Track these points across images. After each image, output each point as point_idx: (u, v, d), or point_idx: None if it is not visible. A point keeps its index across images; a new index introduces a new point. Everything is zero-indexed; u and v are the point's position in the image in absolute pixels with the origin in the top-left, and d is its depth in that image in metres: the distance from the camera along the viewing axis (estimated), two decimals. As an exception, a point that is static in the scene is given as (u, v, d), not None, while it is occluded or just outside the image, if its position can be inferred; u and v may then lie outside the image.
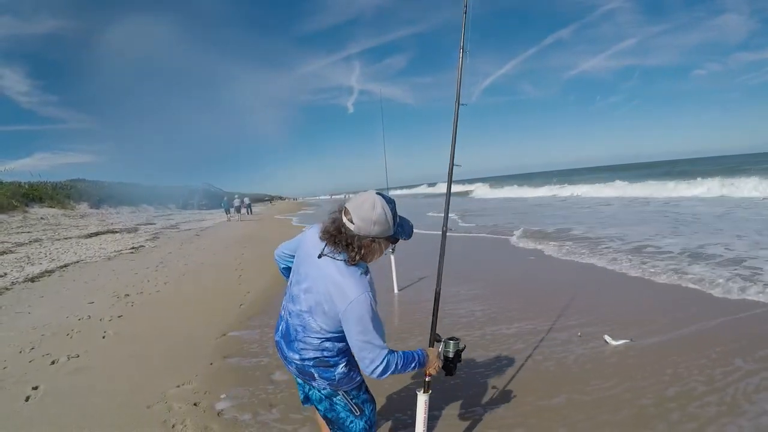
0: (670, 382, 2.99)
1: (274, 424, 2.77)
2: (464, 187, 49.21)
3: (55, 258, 10.61)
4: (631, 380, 3.05)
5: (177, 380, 3.45)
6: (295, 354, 1.74)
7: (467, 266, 7.32)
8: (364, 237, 1.59)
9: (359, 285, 1.58)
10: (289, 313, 1.77)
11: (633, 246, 7.80)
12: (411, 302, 5.44)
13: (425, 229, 10.68)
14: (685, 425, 2.49)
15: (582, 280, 5.93)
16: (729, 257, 6.34)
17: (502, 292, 5.58)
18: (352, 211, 1.59)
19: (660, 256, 6.77)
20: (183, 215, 34.15)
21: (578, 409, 2.73)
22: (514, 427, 2.60)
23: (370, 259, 1.70)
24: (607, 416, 2.63)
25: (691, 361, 3.27)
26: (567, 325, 4.22)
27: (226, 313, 5.37)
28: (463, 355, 2.03)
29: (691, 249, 7.07)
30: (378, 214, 1.58)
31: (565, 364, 3.41)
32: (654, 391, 2.87)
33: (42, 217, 22.34)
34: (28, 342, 4.48)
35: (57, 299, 6.43)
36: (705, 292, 4.94)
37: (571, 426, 2.56)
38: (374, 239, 1.62)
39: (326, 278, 1.62)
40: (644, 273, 5.96)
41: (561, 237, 9.61)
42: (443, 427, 2.66)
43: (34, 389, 3.39)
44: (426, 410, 2.06)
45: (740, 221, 10.17)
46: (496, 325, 4.37)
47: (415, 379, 3.30)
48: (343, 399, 1.80)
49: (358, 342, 1.59)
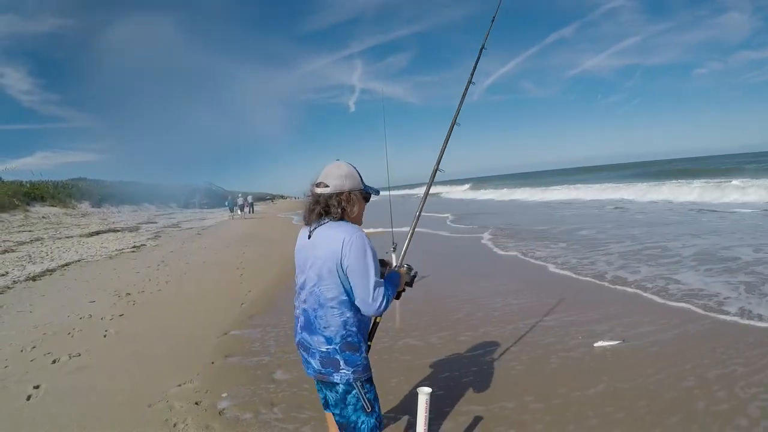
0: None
1: (276, 423, 2.77)
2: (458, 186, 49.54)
3: (57, 257, 10.62)
4: (620, 379, 3.05)
5: (178, 379, 3.45)
6: (320, 338, 1.75)
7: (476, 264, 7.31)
8: (340, 193, 1.76)
9: (351, 228, 1.73)
10: (303, 301, 1.81)
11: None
12: (412, 301, 5.43)
13: (425, 229, 10.69)
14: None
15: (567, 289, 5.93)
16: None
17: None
18: (322, 178, 1.79)
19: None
20: (184, 214, 34.16)
21: (586, 406, 2.73)
22: (515, 427, 2.60)
23: (353, 213, 1.81)
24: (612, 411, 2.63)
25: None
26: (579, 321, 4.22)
27: (228, 312, 5.37)
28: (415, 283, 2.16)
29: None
30: (345, 169, 1.79)
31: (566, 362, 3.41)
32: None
33: (43, 216, 22.38)
34: (29, 341, 4.49)
35: (58, 298, 6.44)
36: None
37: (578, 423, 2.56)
38: (350, 191, 1.78)
39: (322, 242, 1.74)
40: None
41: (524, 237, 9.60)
42: (444, 427, 2.66)
43: (36, 388, 3.40)
44: (427, 409, 2.06)
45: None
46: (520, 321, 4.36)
47: (417, 378, 3.30)
48: (356, 394, 1.80)
49: (361, 280, 1.69)
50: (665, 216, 12.55)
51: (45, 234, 15.98)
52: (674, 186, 21.14)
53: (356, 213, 1.82)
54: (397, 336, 4.20)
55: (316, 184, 1.80)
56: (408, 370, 3.44)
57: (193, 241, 14.21)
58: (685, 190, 19.28)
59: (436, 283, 6.13)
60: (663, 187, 20.97)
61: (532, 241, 9.33)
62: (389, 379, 3.27)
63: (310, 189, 1.82)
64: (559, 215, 14.97)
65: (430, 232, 11.82)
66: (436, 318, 4.67)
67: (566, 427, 2.56)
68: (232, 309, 5.49)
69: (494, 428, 2.60)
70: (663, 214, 13.22)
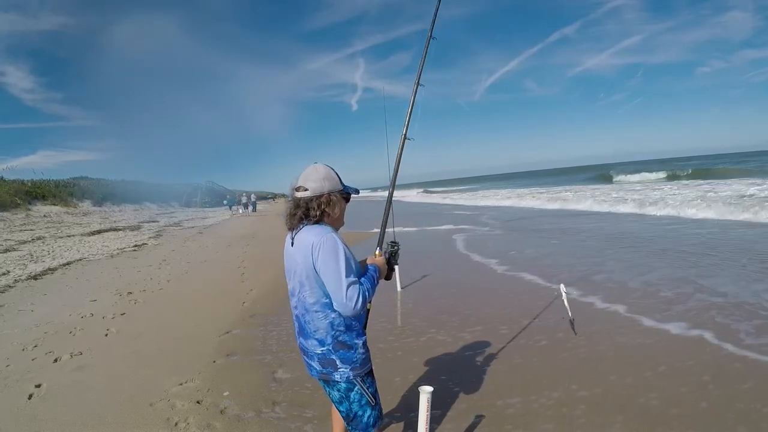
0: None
1: (278, 422, 2.76)
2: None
3: (58, 256, 10.63)
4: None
5: (180, 378, 3.45)
6: (313, 341, 1.79)
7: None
8: (320, 195, 1.77)
9: (322, 230, 1.73)
10: (294, 308, 1.84)
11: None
12: (413, 300, 5.43)
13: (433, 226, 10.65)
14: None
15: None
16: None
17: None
18: (301, 182, 1.80)
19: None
20: (186, 213, 34.18)
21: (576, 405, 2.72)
22: (520, 426, 2.59)
23: (334, 215, 1.81)
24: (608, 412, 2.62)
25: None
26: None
27: (229, 310, 5.37)
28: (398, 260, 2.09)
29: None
30: (323, 171, 1.81)
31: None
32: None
33: (45, 215, 22.40)
34: (30, 340, 4.49)
35: (60, 297, 6.45)
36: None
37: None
38: (330, 193, 1.79)
39: (298, 248, 1.76)
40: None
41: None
42: (446, 426, 2.65)
43: (37, 387, 3.40)
44: (428, 408, 2.05)
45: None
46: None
47: (418, 377, 3.29)
48: (359, 390, 1.84)
49: (334, 282, 1.67)
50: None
51: (46, 233, 16.00)
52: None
53: (338, 214, 1.83)
54: (399, 335, 4.20)
55: (295, 188, 1.81)
56: (410, 369, 3.44)
57: (195, 240, 14.21)
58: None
59: (438, 281, 6.12)
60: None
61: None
62: (392, 379, 3.26)
63: (290, 193, 1.84)
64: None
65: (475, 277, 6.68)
66: (436, 317, 4.67)
67: (575, 421, 2.55)
68: (233, 308, 5.49)
69: (496, 427, 2.59)
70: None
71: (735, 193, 14.82)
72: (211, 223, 23.01)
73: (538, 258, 7.49)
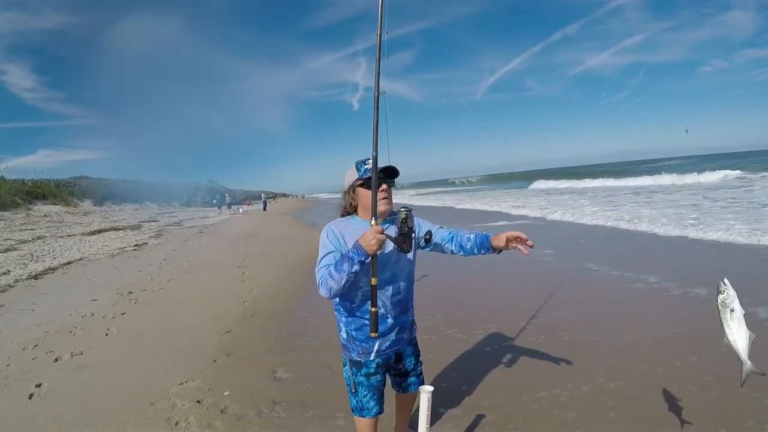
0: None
1: (278, 421, 2.76)
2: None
3: (59, 255, 10.63)
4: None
5: (180, 377, 3.45)
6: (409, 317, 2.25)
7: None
8: (345, 192, 2.00)
9: (330, 223, 1.96)
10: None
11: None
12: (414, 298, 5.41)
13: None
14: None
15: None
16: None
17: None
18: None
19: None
20: (186, 212, 34.21)
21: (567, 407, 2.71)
22: (521, 425, 2.58)
23: (360, 204, 1.95)
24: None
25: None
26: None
27: (230, 310, 5.36)
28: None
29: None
30: (348, 170, 2.00)
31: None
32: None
33: (45, 214, 22.42)
34: (31, 339, 4.49)
35: (60, 296, 6.45)
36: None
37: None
38: (351, 187, 1.97)
39: None
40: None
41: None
42: (446, 425, 2.64)
43: (38, 386, 3.39)
44: (429, 407, 2.04)
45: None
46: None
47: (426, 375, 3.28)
48: (347, 371, 2.07)
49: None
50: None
51: (47, 232, 16.00)
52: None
53: (364, 203, 1.91)
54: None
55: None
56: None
57: (195, 240, 14.22)
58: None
59: (442, 279, 6.12)
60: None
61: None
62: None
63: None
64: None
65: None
66: (439, 316, 4.66)
67: (575, 421, 2.54)
68: (234, 307, 5.49)
69: (497, 427, 2.58)
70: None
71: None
72: (212, 222, 23.02)
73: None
